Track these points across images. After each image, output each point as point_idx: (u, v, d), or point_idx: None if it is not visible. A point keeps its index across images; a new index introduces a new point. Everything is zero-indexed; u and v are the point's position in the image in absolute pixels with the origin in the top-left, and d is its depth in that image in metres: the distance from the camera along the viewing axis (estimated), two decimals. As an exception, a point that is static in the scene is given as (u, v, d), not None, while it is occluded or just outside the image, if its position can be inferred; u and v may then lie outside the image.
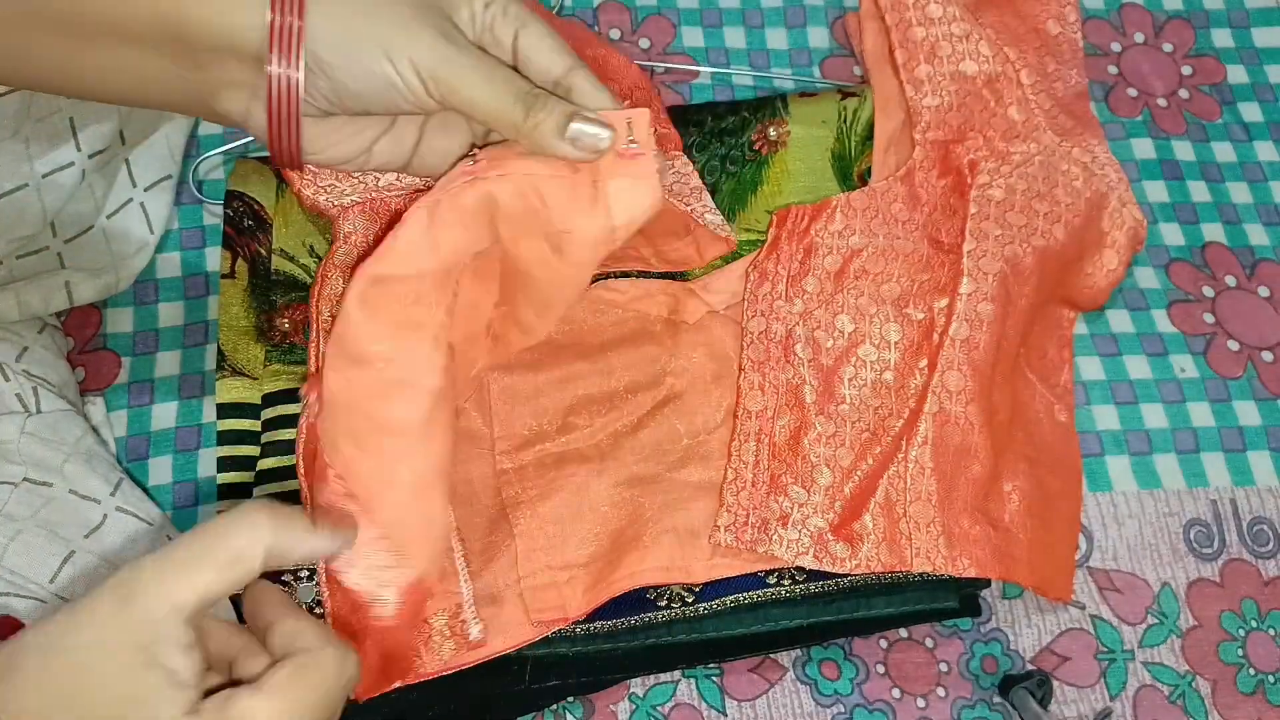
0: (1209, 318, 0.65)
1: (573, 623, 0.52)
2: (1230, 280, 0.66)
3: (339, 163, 0.44)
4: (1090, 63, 0.70)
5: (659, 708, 0.54)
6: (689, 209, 0.55)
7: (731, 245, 0.58)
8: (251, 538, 0.36)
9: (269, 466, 0.54)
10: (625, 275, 0.60)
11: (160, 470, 0.57)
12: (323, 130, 0.42)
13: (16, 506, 0.48)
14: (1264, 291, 0.65)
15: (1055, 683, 0.56)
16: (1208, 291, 0.65)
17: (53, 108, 0.54)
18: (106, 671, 0.35)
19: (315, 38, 0.39)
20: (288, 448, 0.55)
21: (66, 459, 0.51)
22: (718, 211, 0.57)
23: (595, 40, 0.64)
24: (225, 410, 0.56)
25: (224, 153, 0.63)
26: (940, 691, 0.56)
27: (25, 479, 0.50)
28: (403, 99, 0.40)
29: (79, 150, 0.55)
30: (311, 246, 0.59)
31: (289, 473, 0.54)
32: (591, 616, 0.53)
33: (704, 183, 0.62)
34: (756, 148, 0.63)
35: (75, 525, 0.49)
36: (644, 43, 0.68)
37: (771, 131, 0.63)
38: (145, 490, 0.54)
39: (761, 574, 0.54)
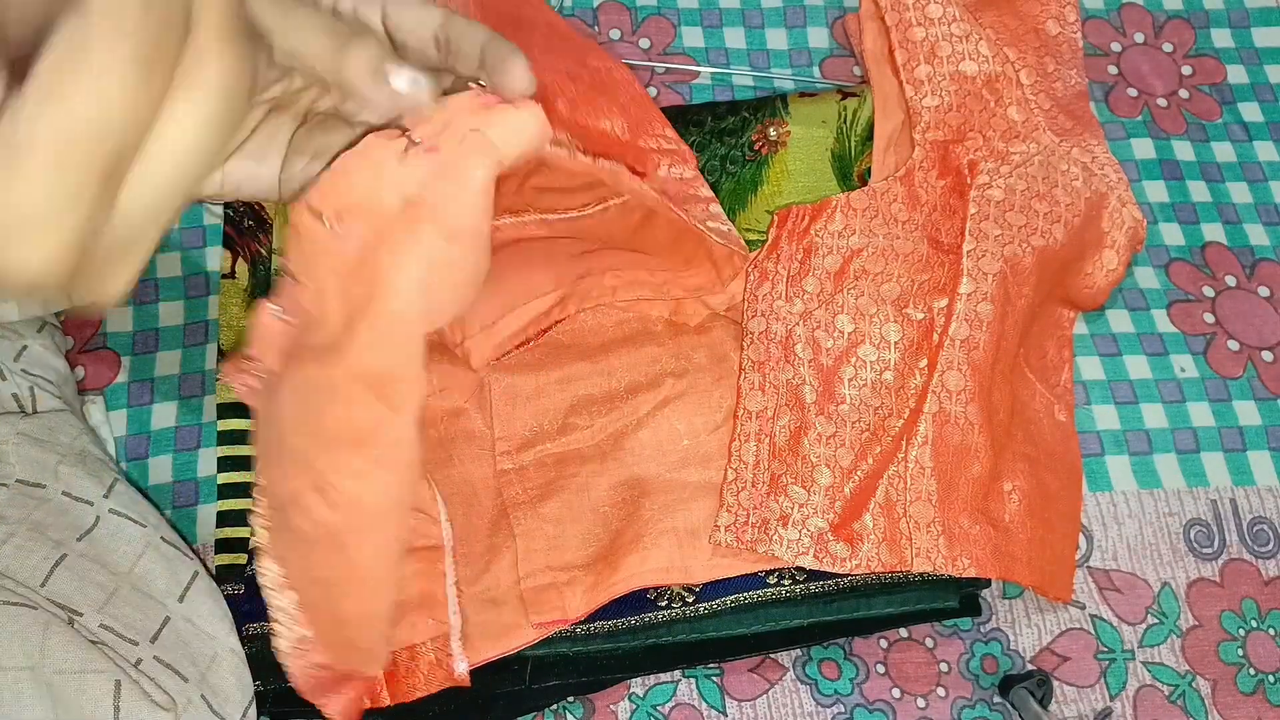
0: (1209, 317, 0.65)
1: (573, 624, 0.52)
2: (1230, 280, 0.66)
3: None
4: (1090, 63, 0.70)
5: (659, 708, 0.54)
6: (691, 217, 0.55)
7: (744, 256, 0.57)
8: None
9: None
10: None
11: (160, 469, 0.57)
12: None
13: (8, 508, 0.48)
14: (1264, 291, 0.65)
15: (1055, 683, 0.56)
16: (1208, 291, 0.65)
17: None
18: None
19: None
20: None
21: (60, 460, 0.51)
22: (725, 220, 0.57)
23: (598, 50, 0.64)
24: (225, 410, 0.56)
25: (224, 153, 0.63)
26: (940, 691, 0.56)
27: (17, 480, 0.50)
28: None
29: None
30: (311, 246, 0.59)
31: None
32: (591, 616, 0.53)
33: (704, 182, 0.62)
34: (756, 148, 0.63)
35: (67, 528, 0.49)
36: (644, 43, 0.68)
37: (771, 131, 0.63)
38: (142, 491, 0.54)
39: (762, 574, 0.54)
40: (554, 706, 0.54)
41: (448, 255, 0.33)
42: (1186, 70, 0.71)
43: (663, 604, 0.53)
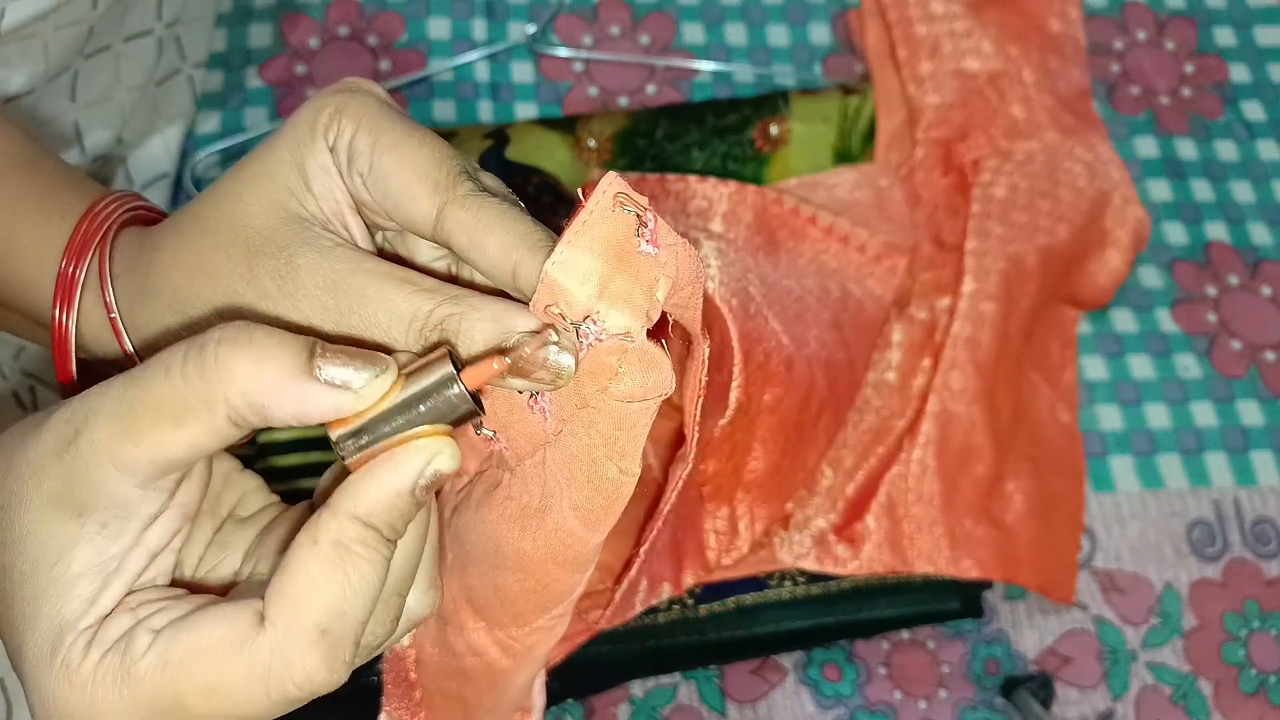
0: (1212, 317, 0.64)
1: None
2: (1233, 279, 0.65)
3: None
4: (1093, 61, 0.69)
5: (659, 710, 0.54)
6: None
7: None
8: (207, 382, 0.26)
9: (265, 467, 0.54)
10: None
11: (157, 470, 0.56)
12: None
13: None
14: (1267, 291, 0.65)
15: (1058, 684, 0.56)
16: (1210, 291, 0.65)
17: (58, 111, 0.53)
18: (25, 525, 0.27)
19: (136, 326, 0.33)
20: (285, 448, 0.55)
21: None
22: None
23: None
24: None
25: (221, 151, 0.62)
26: (942, 693, 0.55)
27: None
28: None
29: (83, 153, 0.55)
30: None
31: (286, 474, 0.54)
32: (592, 618, 0.52)
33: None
34: (757, 146, 0.62)
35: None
36: (644, 39, 0.68)
37: (773, 129, 0.63)
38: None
39: (763, 576, 0.53)
40: (553, 709, 0.53)
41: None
42: (1189, 68, 0.71)
43: (663, 606, 0.53)
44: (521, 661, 0.39)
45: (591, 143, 0.61)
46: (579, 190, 0.29)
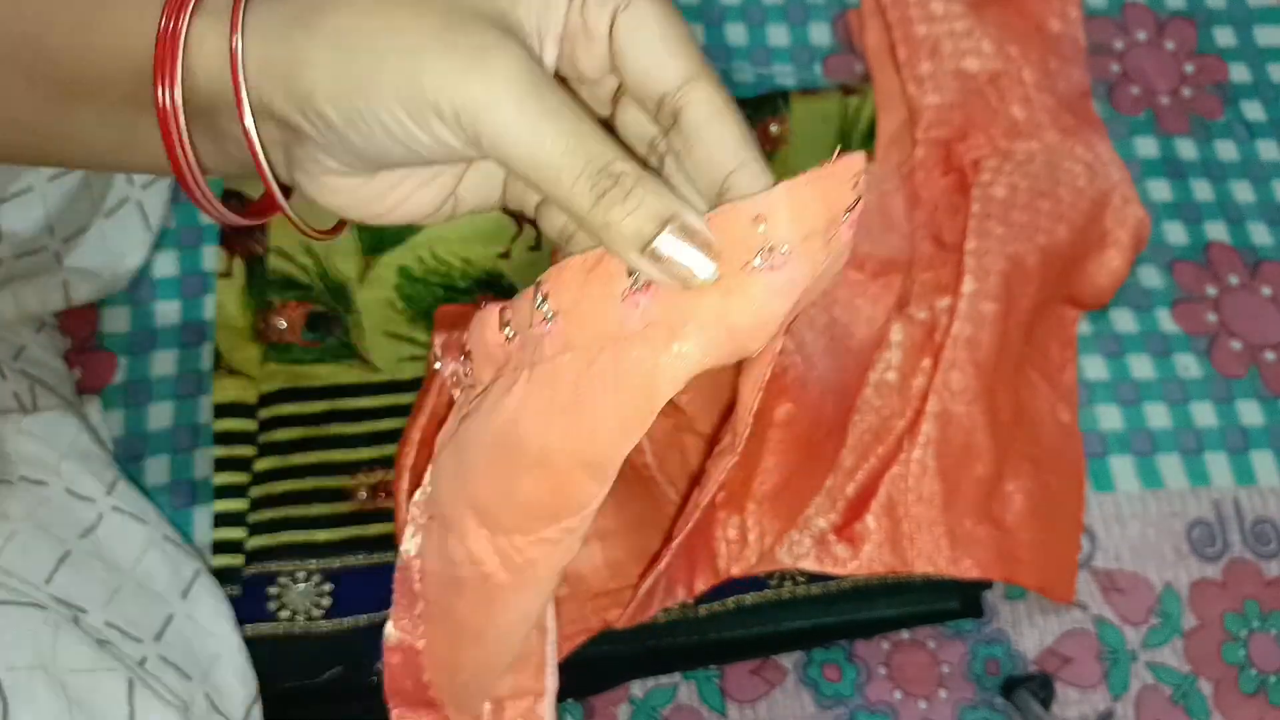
0: (1212, 317, 0.64)
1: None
2: (1233, 279, 0.65)
3: (351, 214, 0.33)
4: (1093, 61, 0.69)
5: (659, 710, 0.54)
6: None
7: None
8: None
9: (265, 468, 0.54)
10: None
11: (156, 470, 0.56)
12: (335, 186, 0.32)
13: (12, 505, 0.48)
14: (1267, 291, 0.65)
15: (1058, 684, 0.56)
16: (1211, 291, 0.65)
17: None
18: None
19: (314, 81, 0.29)
20: (284, 448, 0.55)
21: (62, 458, 0.51)
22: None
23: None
24: (222, 410, 0.56)
25: (221, 150, 0.62)
26: (942, 693, 0.55)
27: (21, 477, 0.49)
28: (435, 156, 0.30)
29: (80, 151, 0.55)
30: (309, 246, 0.58)
31: (286, 474, 0.54)
32: (592, 618, 0.52)
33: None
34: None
35: (70, 525, 0.48)
36: (644, 40, 0.68)
37: (773, 128, 0.63)
38: (142, 489, 0.54)
39: (763, 576, 0.53)
40: (554, 708, 0.53)
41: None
42: (1189, 68, 0.71)
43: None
44: (519, 578, 0.38)
45: (591, 143, 0.61)
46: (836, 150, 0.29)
